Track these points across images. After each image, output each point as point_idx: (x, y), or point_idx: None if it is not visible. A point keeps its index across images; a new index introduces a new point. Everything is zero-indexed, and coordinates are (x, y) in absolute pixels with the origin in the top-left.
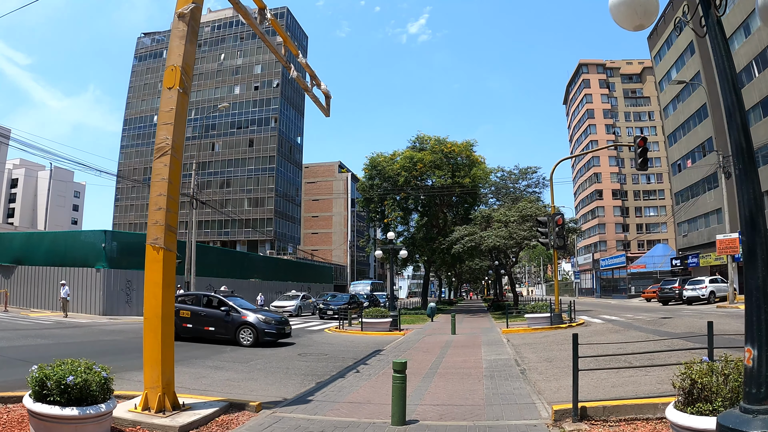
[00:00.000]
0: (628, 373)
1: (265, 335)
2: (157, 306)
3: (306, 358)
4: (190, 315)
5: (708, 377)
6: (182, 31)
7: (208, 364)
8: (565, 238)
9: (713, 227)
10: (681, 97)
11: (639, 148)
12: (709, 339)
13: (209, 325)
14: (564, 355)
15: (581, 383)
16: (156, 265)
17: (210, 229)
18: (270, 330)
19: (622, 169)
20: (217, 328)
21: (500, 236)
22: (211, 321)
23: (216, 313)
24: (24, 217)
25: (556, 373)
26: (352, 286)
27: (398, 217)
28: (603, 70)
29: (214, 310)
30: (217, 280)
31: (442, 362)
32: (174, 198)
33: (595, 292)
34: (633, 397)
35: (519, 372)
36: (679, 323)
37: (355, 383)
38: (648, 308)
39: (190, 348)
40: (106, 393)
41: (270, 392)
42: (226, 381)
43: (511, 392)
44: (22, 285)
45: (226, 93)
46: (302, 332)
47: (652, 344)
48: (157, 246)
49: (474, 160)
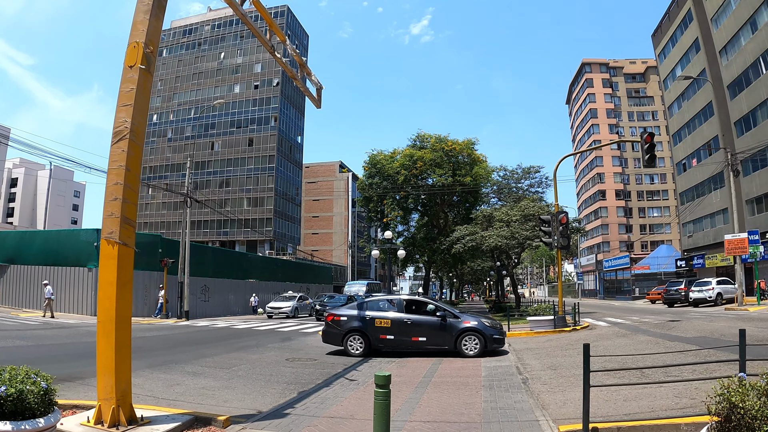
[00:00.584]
0: (635, 377)
1: (494, 342)
2: (111, 308)
3: (293, 364)
4: (391, 324)
5: (750, 399)
6: (147, 4)
7: (186, 370)
8: (569, 237)
9: (719, 228)
10: (686, 96)
11: (646, 144)
12: (741, 351)
13: (419, 334)
14: (569, 362)
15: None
16: (110, 261)
17: (209, 229)
18: (497, 336)
19: (626, 169)
20: (429, 338)
21: (502, 236)
22: (421, 330)
23: (428, 321)
24: (23, 216)
25: (562, 383)
26: (347, 287)
27: (398, 216)
28: (606, 69)
29: (425, 316)
30: (212, 280)
31: (438, 369)
32: (133, 188)
33: (598, 294)
34: (650, 415)
35: (521, 381)
36: (689, 327)
37: (340, 393)
38: (653, 310)
39: (175, 351)
40: (47, 406)
41: (245, 403)
42: (201, 389)
43: (511, 406)
44: (14, 285)
45: (225, 92)
46: (295, 335)
47: (664, 350)
48: (111, 240)
49: (475, 158)
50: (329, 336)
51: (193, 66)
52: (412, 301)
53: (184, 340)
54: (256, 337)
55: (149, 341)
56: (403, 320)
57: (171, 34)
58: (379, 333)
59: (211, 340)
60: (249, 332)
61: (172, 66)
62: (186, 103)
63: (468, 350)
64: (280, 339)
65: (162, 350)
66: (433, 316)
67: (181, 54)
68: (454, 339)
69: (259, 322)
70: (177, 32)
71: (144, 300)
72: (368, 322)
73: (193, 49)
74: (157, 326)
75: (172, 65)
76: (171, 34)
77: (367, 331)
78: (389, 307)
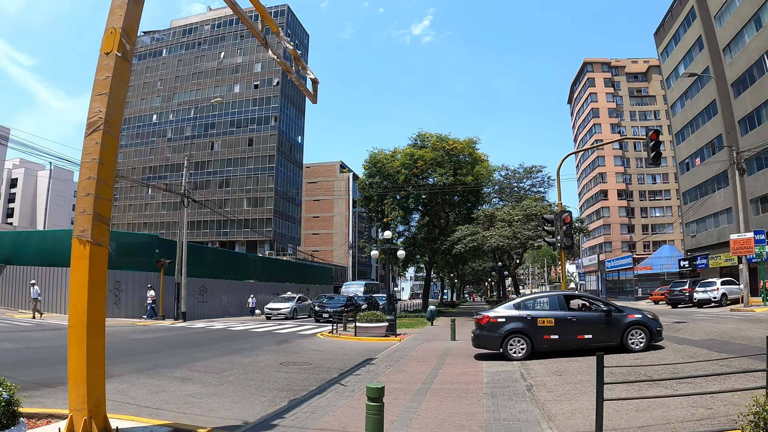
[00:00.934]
0: (652, 391)
1: (658, 335)
2: (82, 311)
3: (287, 369)
4: (554, 323)
5: None
6: None
7: (175, 375)
8: (573, 237)
9: (723, 227)
10: (689, 94)
11: (651, 141)
12: None
13: (585, 332)
14: (575, 367)
15: (597, 404)
16: (82, 261)
17: (208, 230)
18: (659, 328)
19: (628, 169)
20: (595, 334)
21: (504, 236)
22: (587, 327)
23: (592, 317)
24: (23, 217)
25: (568, 390)
26: (344, 287)
27: (398, 216)
28: (608, 68)
29: (588, 312)
30: (211, 281)
31: (438, 375)
32: (107, 182)
33: (601, 294)
34: (666, 428)
35: (525, 389)
36: (696, 329)
37: (333, 402)
38: (658, 311)
39: (167, 355)
40: (9, 418)
41: (232, 412)
42: (187, 397)
43: (515, 417)
44: (10, 285)
45: (225, 91)
46: (292, 337)
47: (673, 354)
48: (83, 239)
49: (477, 157)
50: (483, 340)
51: (192, 66)
52: (570, 296)
53: (177, 343)
54: (252, 340)
55: (142, 344)
56: (567, 318)
57: (171, 34)
58: (542, 333)
59: (206, 342)
60: (245, 334)
61: (172, 66)
62: (186, 103)
63: (634, 345)
64: (277, 341)
65: (153, 353)
66: (596, 311)
67: (181, 54)
68: (621, 334)
69: (256, 323)
70: (177, 32)
71: (141, 302)
72: (530, 322)
73: (192, 49)
74: (153, 328)
75: (172, 65)
76: (171, 33)
77: (529, 331)
78: (547, 305)
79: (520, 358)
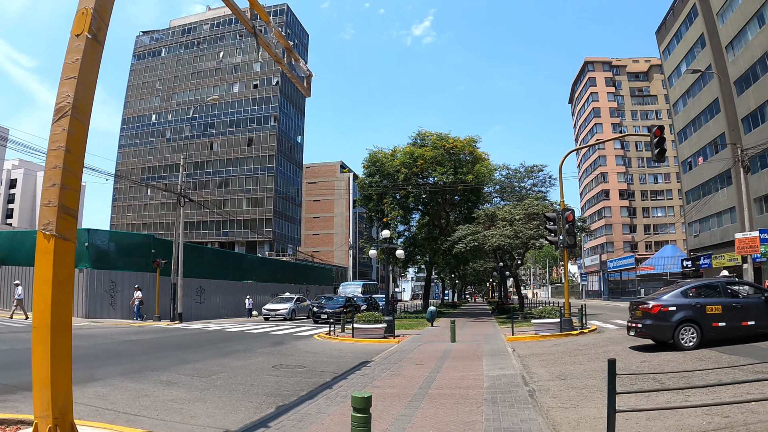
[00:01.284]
0: (663, 397)
1: None
2: (46, 311)
3: (279, 372)
4: (722, 310)
5: None
6: None
7: (161, 378)
8: (575, 236)
9: (726, 227)
10: (691, 93)
11: (656, 137)
12: None
13: (749, 318)
14: (579, 370)
15: (606, 413)
16: (46, 257)
17: (208, 230)
18: None
19: (629, 169)
20: (758, 320)
21: (505, 235)
22: (751, 313)
23: (755, 303)
24: (23, 217)
25: (573, 396)
26: (341, 288)
27: (398, 216)
28: (609, 68)
29: (748, 299)
30: (208, 281)
31: (436, 379)
32: (73, 172)
33: (603, 295)
34: None
35: (527, 394)
36: None
37: (323, 408)
38: None
39: (156, 357)
40: None
41: (214, 420)
42: (170, 402)
43: (517, 426)
44: (5, 286)
45: (225, 91)
46: (288, 338)
47: (681, 357)
48: (48, 233)
49: (477, 156)
50: (652, 329)
51: (192, 65)
52: (731, 282)
53: (169, 344)
54: (247, 341)
55: (133, 345)
56: (732, 305)
57: (170, 34)
58: (711, 321)
59: (199, 344)
60: (241, 335)
61: (171, 65)
62: (185, 103)
63: None
64: (272, 343)
65: (142, 355)
66: (754, 297)
67: (180, 53)
68: None
69: (254, 324)
70: (176, 31)
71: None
72: (699, 310)
73: (192, 48)
74: (147, 329)
75: (171, 65)
76: (170, 33)
77: (699, 320)
78: (714, 292)
79: (691, 347)
